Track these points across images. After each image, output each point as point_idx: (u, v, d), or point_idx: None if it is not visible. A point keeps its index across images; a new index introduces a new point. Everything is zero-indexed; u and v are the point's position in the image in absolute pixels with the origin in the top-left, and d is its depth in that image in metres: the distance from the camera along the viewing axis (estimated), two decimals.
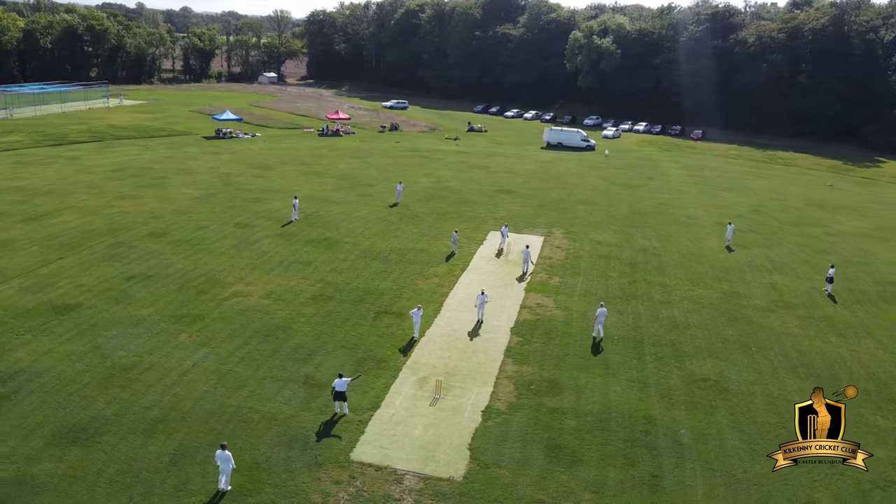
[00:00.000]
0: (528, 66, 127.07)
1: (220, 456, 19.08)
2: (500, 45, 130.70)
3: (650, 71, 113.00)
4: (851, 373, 28.23)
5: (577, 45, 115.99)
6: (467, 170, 65.88)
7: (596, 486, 20.47)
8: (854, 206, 59.49)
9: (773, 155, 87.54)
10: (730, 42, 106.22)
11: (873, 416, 25.18)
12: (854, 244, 47.02)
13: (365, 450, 21.52)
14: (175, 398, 23.80)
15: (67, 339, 27.64)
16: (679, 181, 66.32)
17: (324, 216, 46.63)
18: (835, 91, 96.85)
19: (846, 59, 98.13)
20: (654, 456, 22.05)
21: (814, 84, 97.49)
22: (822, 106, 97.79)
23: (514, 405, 24.60)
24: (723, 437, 23.27)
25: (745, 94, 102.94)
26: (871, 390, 26.95)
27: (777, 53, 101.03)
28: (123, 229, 41.67)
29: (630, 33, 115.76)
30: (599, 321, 29.81)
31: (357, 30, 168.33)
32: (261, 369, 26.11)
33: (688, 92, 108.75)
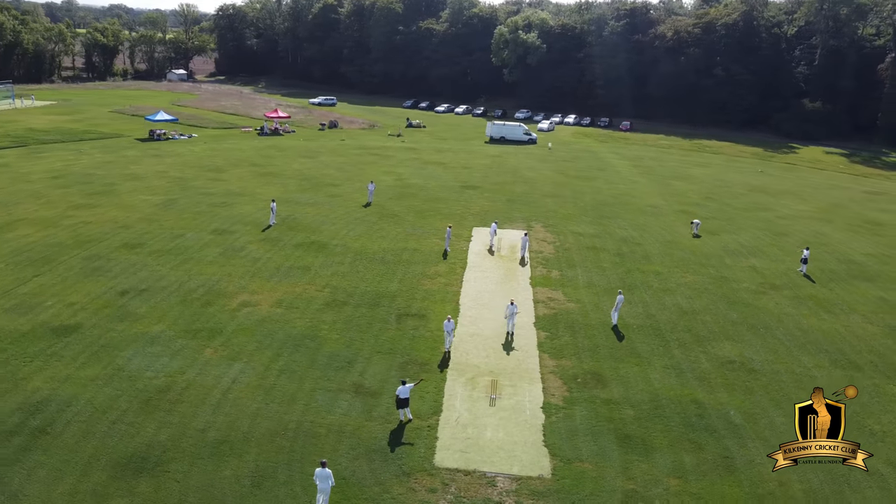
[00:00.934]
0: (453, 61, 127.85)
1: (320, 474, 18.42)
2: (424, 39, 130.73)
3: (574, 64, 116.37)
4: (852, 346, 30.43)
5: (503, 39, 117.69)
6: (424, 166, 65.70)
7: (676, 471, 21.20)
8: (791, 191, 63.77)
9: (699, 144, 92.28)
10: (649, 37, 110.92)
11: (887, 385, 27.28)
12: (806, 226, 50.50)
13: (446, 455, 21.33)
14: (229, 418, 22.68)
15: (82, 362, 25.71)
16: (627, 172, 68.81)
17: (301, 219, 45.37)
18: (747, 82, 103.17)
19: (756, 53, 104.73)
20: (717, 438, 23.04)
21: (728, 76, 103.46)
22: (736, 96, 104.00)
23: (569, 399, 25.00)
24: (769, 415, 24.59)
25: (665, 86, 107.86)
26: (875, 362, 29.19)
27: (693, 47, 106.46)
28: (93, 241, 39.00)
29: (553, 28, 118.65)
30: (617, 308, 30.67)
31: (271, 24, 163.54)
32: (305, 381, 25.27)
33: (611, 84, 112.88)
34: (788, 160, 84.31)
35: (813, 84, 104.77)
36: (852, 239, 47.77)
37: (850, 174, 77.09)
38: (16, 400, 23.09)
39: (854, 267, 41.39)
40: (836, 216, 54.50)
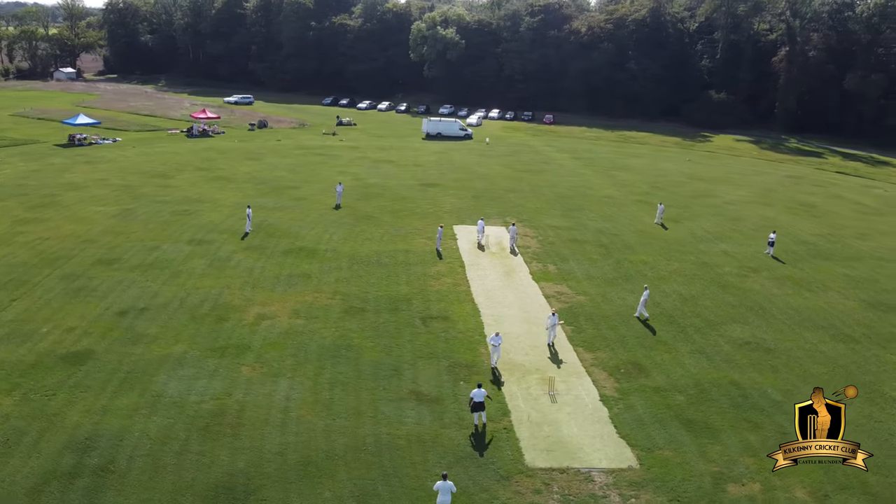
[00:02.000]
0: (370, 57, 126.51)
1: (443, 487, 18.14)
2: (338, 35, 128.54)
3: (493, 60, 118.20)
4: (842, 321, 33.10)
5: (421, 35, 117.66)
6: (376, 165, 64.90)
7: (747, 450, 22.39)
8: (723, 178, 67.98)
9: (623, 135, 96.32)
10: (564, 32, 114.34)
11: (885, 354, 29.91)
12: (753, 211, 54.11)
13: (535, 456, 21.52)
14: (301, 437, 21.81)
15: (114, 392, 23.85)
16: (571, 165, 70.90)
17: (276, 224, 43.80)
18: (658, 75, 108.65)
19: (665, 47, 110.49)
20: (768, 415, 24.51)
21: (641, 69, 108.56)
22: (648, 89, 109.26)
23: (621, 391, 25.77)
24: (802, 391, 26.33)
25: (582, 80, 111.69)
26: (867, 334, 31.91)
27: (606, 42, 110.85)
28: (61, 258, 36.03)
29: (470, 24, 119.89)
30: (643, 303, 31.76)
31: (168, 20, 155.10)
32: (361, 393, 24.65)
33: (530, 79, 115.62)
34: (707, 148, 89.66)
35: (716, 76, 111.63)
36: (796, 221, 51.68)
37: (766, 160, 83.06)
38: (60, 439, 21.14)
39: (809, 247, 44.83)
40: (773, 200, 58.69)
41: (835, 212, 55.97)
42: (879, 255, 44.07)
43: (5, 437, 21.02)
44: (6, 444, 20.75)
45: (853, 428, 23.76)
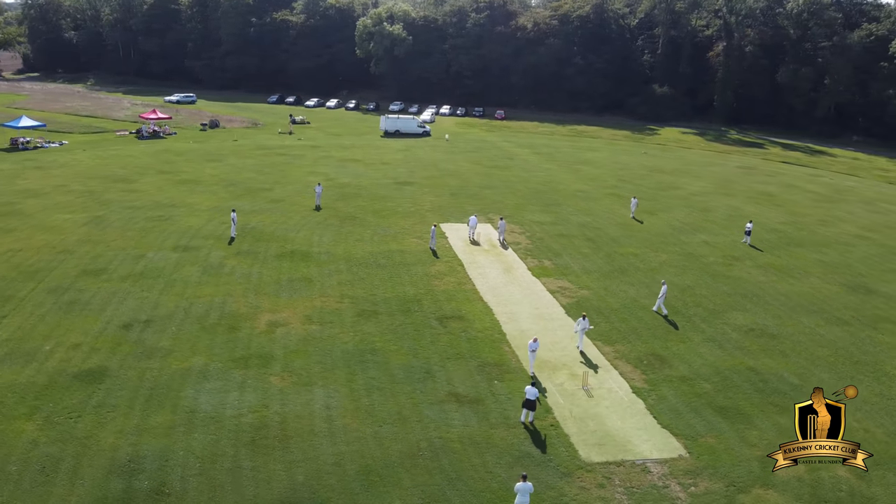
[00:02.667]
0: (313, 54, 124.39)
1: (523, 488, 18.20)
2: (281, 31, 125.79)
3: (440, 56, 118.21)
4: (830, 305, 34.87)
5: (367, 31, 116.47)
6: (343, 164, 63.96)
7: (783, 433, 23.25)
8: (681, 170, 70.29)
9: (575, 129, 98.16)
10: (511, 28, 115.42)
11: (877, 335, 31.71)
12: (719, 202, 56.21)
13: (588, 451, 21.84)
14: (353, 446, 21.43)
15: (143, 409, 22.80)
16: (535, 160, 71.77)
17: (260, 228, 42.66)
18: (603, 70, 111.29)
19: (608, 43, 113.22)
20: (791, 398, 25.54)
21: (586, 64, 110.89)
22: (594, 84, 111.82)
23: (649, 382, 26.41)
24: (814, 373, 27.71)
25: (529, 76, 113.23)
26: (856, 317, 33.74)
27: (553, 38, 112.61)
28: (41, 271, 34.07)
29: (416, 20, 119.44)
30: (662, 297, 32.52)
31: (94, 15, 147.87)
32: (400, 397, 24.40)
33: (478, 75, 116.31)
34: (657, 141, 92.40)
35: (658, 71, 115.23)
36: (761, 210, 54.00)
37: (714, 151, 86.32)
38: (100, 463, 20.07)
39: (780, 235, 46.95)
40: (733, 190, 61.13)
41: (792, 200, 58.76)
42: (844, 241, 46.58)
43: (41, 465, 19.80)
44: (43, 471, 19.56)
45: (868, 407, 25.19)
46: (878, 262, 42.40)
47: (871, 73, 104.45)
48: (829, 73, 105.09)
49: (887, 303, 35.67)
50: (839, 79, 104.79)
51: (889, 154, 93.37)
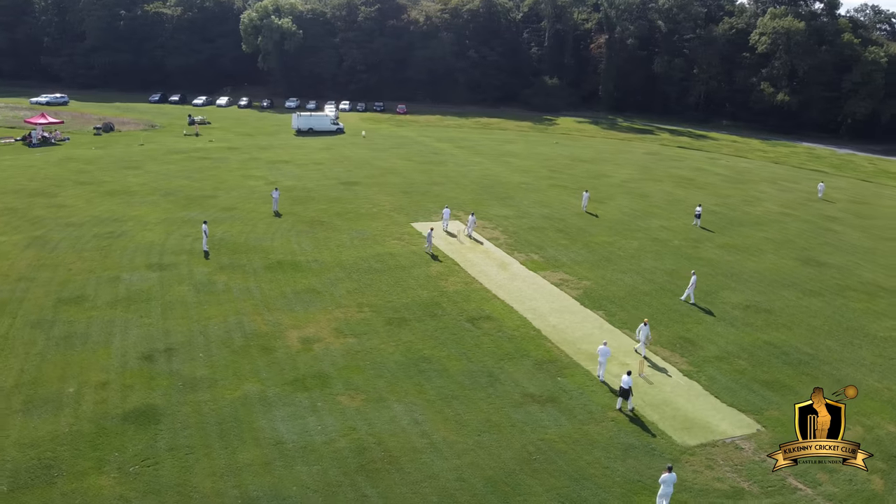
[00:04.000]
0: (193, 49, 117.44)
1: (668, 479, 18.83)
2: (155, 25, 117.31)
3: (332, 50, 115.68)
4: (797, 278, 38.49)
5: (253, 25, 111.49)
6: (274, 166, 61.22)
7: None
8: (599, 158, 73.86)
9: (479, 122, 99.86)
10: (403, 21, 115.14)
11: (852, 303, 35.47)
12: (652, 187, 59.82)
13: (681, 435, 22.92)
14: (465, 460, 21.13)
15: (223, 448, 21.10)
16: (460, 154, 72.42)
17: (228, 239, 40.18)
18: (496, 63, 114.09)
19: (499, 36, 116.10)
20: (814, 367, 28.19)
21: (480, 57, 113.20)
22: (489, 76, 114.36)
23: (693, 364, 27.98)
24: (822, 343, 30.61)
25: (425, 69, 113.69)
26: (826, 287, 37.53)
27: (445, 31, 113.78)
28: (9, 303, 30.25)
29: (304, 13, 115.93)
30: (692, 286, 34.10)
31: None
32: (479, 403, 24.26)
33: (372, 69, 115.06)
34: (559, 131, 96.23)
35: (545, 63, 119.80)
36: (690, 194, 58.12)
37: (615, 139, 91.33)
38: None
39: (719, 216, 50.88)
40: (656, 176, 65.23)
41: (709, 182, 63.70)
42: (774, 219, 51.33)
43: None
44: None
45: (872, 369, 28.22)
46: (812, 237, 47.17)
47: (736, 63, 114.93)
48: (699, 63, 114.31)
49: (840, 273, 39.88)
50: (707, 68, 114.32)
51: (757, 136, 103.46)
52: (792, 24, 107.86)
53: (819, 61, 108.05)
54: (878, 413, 24.95)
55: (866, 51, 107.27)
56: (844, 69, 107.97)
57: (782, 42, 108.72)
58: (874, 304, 35.46)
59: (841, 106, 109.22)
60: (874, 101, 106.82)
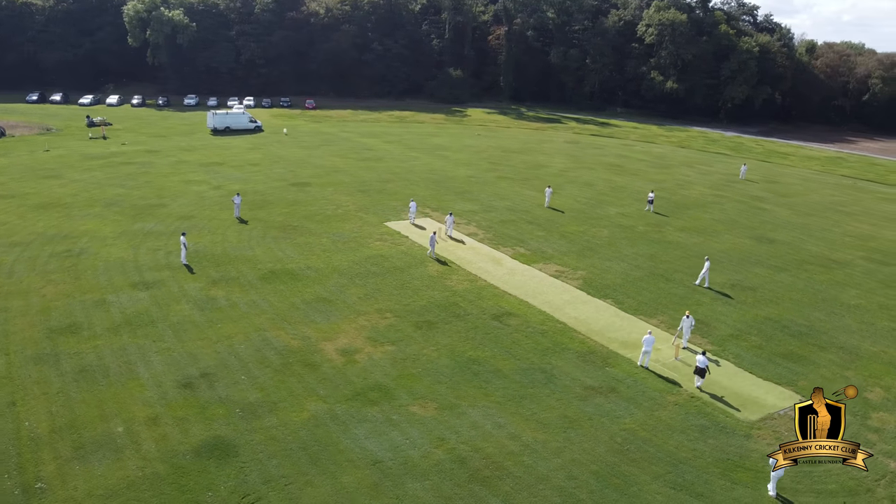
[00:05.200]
0: (70, 43, 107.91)
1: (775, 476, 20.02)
2: (24, 17, 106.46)
3: (228, 43, 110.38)
4: (761, 255, 41.68)
5: (139, 17, 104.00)
6: (211, 169, 57.84)
7: (839, 366, 28.25)
8: (526, 149, 75.71)
9: (393, 115, 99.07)
10: (303, 14, 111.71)
11: (819, 274, 38.94)
12: (590, 175, 62.26)
13: (743, 413, 24.43)
14: (565, 458, 21.46)
15: (320, 474, 20.17)
16: (394, 149, 71.70)
17: (205, 251, 37.78)
18: (400, 55, 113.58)
19: (401, 28, 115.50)
20: (815, 337, 30.82)
21: (384, 49, 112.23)
22: (394, 69, 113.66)
23: (715, 343, 29.74)
24: (810, 313, 33.45)
25: (329, 62, 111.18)
26: (784, 263, 40.86)
27: (347, 24, 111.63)
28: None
29: (195, 4, 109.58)
30: (705, 272, 35.83)
31: None
32: (548, 400, 24.62)
33: (273, 63, 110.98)
34: (474, 122, 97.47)
35: (447, 54, 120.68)
36: (629, 180, 61.11)
37: (530, 129, 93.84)
38: None
39: (665, 200, 53.87)
40: (589, 164, 67.92)
41: (638, 169, 67.18)
42: (711, 201, 55.12)
43: None
44: None
45: (862, 335, 31.30)
46: (751, 216, 51.14)
47: (626, 53, 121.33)
48: (591, 54, 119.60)
49: (791, 249, 43.64)
50: (600, 59, 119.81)
51: (651, 121, 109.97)
52: (675, 16, 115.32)
53: (701, 51, 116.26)
54: (887, 374, 27.74)
55: (740, 41, 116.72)
56: (723, 58, 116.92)
57: (668, 33, 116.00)
58: (833, 276, 39.12)
59: (721, 92, 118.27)
60: (749, 86, 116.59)
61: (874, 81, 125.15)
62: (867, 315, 33.74)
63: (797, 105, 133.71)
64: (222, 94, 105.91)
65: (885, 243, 46.53)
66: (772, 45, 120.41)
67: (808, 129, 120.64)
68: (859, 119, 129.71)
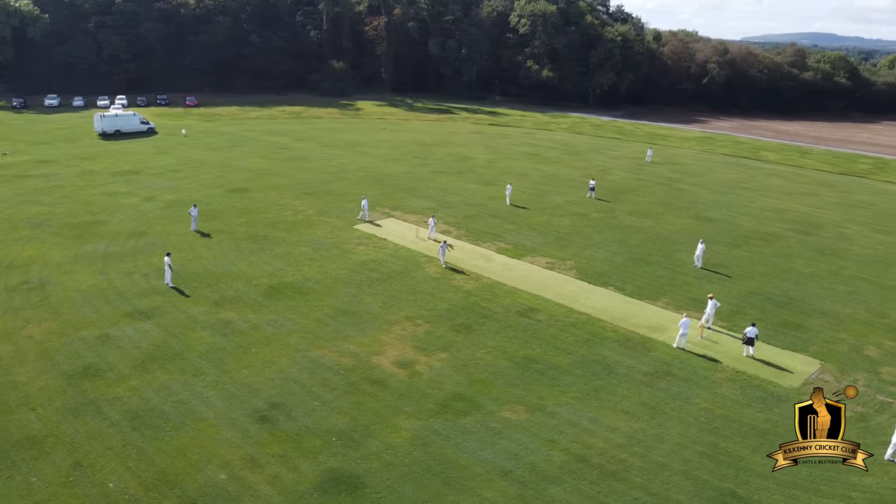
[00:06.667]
0: None
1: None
2: None
3: (87, 37, 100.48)
4: (707, 233, 45.13)
5: None
6: (131, 178, 52.80)
7: (832, 328, 31.82)
8: (440, 141, 76.22)
9: (286, 111, 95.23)
10: (172, 4, 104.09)
11: (758, 248, 43.19)
12: (517, 166, 64.04)
13: (780, 380, 26.97)
14: (670, 445, 22.65)
15: (459, 495, 19.86)
16: (311, 147, 69.11)
17: (181, 270, 34.92)
18: (281, 48, 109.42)
19: (279, 19, 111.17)
20: (798, 307, 34.32)
21: (264, 42, 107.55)
22: (275, 62, 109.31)
23: (726, 318, 32.27)
24: (779, 284, 37.16)
25: (205, 56, 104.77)
26: (732, 239, 44.84)
27: (222, 15, 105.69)
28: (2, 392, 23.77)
29: None
30: (699, 255, 38.29)
31: None
32: (620, 389, 25.68)
33: (140, 58, 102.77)
34: (370, 115, 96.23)
35: (326, 46, 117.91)
36: (555, 169, 63.67)
37: (430, 121, 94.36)
38: None
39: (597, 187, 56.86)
40: (508, 154, 69.81)
41: (555, 157, 70.13)
42: (637, 185, 58.95)
43: None
44: None
45: (833, 299, 35.42)
46: (679, 197, 55.39)
47: (501, 43, 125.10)
48: (468, 44, 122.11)
49: (730, 226, 47.94)
50: (477, 49, 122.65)
51: (531, 108, 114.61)
52: (546, 7, 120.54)
53: (570, 40, 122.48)
54: (871, 333, 31.67)
55: (605, 31, 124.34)
56: (590, 47, 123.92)
57: (540, 24, 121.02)
58: (776, 248, 43.60)
59: (590, 79, 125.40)
60: (615, 73, 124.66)
61: (712, 66, 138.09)
62: (823, 281, 38.06)
63: (649, 89, 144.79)
64: (87, 93, 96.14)
65: (797, 215, 52.39)
66: (630, 34, 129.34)
67: (662, 111, 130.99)
68: (700, 100, 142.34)
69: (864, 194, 62.82)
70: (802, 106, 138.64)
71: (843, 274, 39.46)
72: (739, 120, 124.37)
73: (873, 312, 34.14)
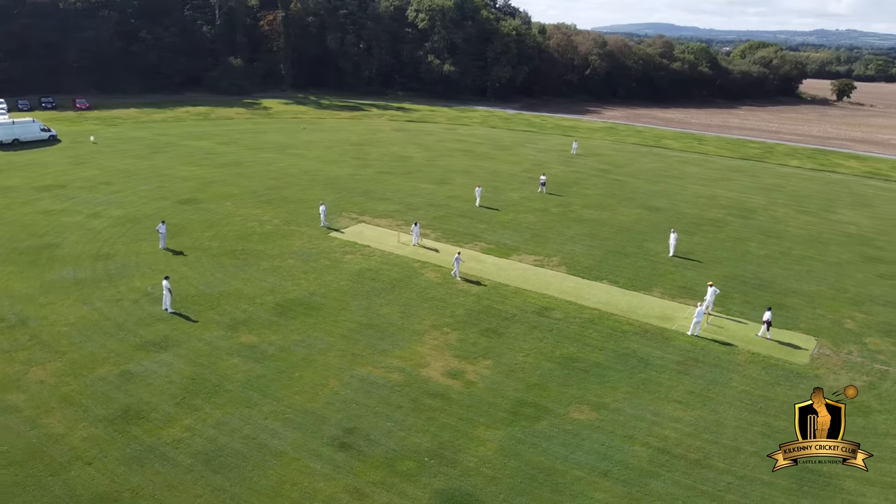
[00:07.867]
0: None
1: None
2: None
3: None
4: (662, 223, 48.05)
5: None
6: (59, 194, 47.91)
7: (811, 305, 35.10)
8: (370, 140, 75.19)
9: (192, 112, 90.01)
10: None
11: (717, 235, 46.56)
12: (457, 163, 64.57)
13: (791, 358, 29.57)
14: (729, 431, 24.33)
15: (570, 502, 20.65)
16: (242, 152, 65.81)
17: (181, 292, 32.63)
18: (173, 45, 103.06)
19: (168, 14, 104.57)
20: (777, 289, 37.45)
21: (155, 38, 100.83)
22: (167, 60, 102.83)
23: (720, 304, 34.73)
24: (746, 267, 40.33)
25: (90, 54, 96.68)
26: (694, 227, 47.89)
27: (107, 10, 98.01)
28: (42, 445, 21.65)
29: None
30: (673, 243, 40.40)
31: None
32: (663, 380, 27.07)
33: (12, 56, 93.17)
34: (282, 115, 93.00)
35: (219, 42, 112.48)
36: (495, 165, 64.84)
37: (345, 118, 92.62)
38: None
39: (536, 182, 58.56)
40: (441, 151, 70.16)
41: (486, 152, 71.34)
42: (576, 178, 61.34)
43: None
44: None
45: (798, 278, 38.96)
46: (619, 188, 58.26)
47: (401, 38, 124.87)
48: (368, 38, 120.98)
49: (676, 214, 51.16)
50: (377, 43, 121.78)
51: (436, 103, 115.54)
52: (443, 2, 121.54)
53: (468, 35, 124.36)
54: (842, 307, 35.20)
55: (500, 25, 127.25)
56: (487, 41, 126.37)
57: (438, 18, 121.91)
58: (726, 233, 47.09)
59: (488, 73, 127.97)
60: (511, 66, 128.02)
61: (593, 58, 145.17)
62: (780, 262, 41.68)
63: (539, 81, 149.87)
64: None
65: (728, 201, 56.71)
66: (521, 28, 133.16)
67: (553, 101, 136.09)
68: (584, 91, 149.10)
69: (770, 177, 68.86)
70: (673, 94, 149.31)
71: (794, 254, 43.32)
72: (624, 109, 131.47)
73: (834, 288, 37.88)
